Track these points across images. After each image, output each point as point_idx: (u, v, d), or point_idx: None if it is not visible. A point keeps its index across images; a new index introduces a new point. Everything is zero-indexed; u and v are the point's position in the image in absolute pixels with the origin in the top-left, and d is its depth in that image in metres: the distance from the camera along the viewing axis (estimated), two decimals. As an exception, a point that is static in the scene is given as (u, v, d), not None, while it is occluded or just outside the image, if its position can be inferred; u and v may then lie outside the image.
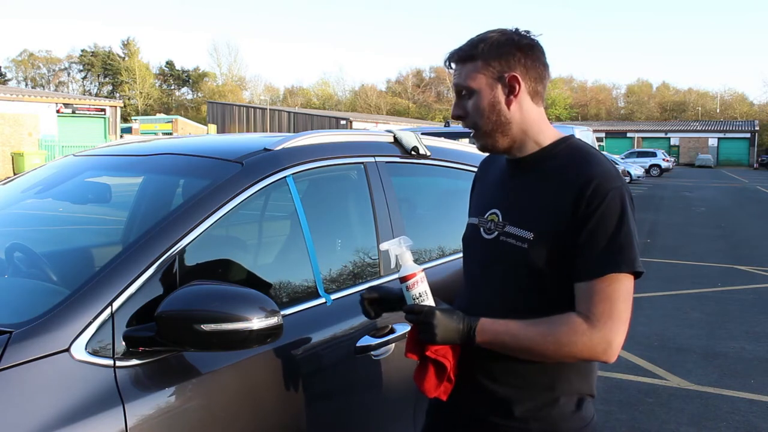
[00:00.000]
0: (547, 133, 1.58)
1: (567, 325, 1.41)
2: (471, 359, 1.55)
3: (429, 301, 1.52)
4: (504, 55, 1.52)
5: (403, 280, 1.53)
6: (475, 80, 1.53)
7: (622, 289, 1.43)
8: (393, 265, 1.57)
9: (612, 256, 1.42)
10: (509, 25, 1.58)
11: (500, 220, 1.56)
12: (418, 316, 1.48)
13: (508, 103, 1.54)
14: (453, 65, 1.58)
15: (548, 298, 1.49)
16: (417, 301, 1.51)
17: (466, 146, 2.96)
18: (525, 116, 1.55)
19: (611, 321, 1.40)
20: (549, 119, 1.62)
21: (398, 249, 1.58)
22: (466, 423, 1.61)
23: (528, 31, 1.57)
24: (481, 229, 1.61)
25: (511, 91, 1.53)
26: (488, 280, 1.57)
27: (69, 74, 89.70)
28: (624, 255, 1.43)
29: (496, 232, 1.56)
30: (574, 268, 1.44)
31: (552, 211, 1.47)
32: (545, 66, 1.57)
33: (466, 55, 1.55)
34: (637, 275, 1.45)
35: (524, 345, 1.44)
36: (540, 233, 1.47)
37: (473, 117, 1.56)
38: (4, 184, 2.65)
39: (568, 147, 1.56)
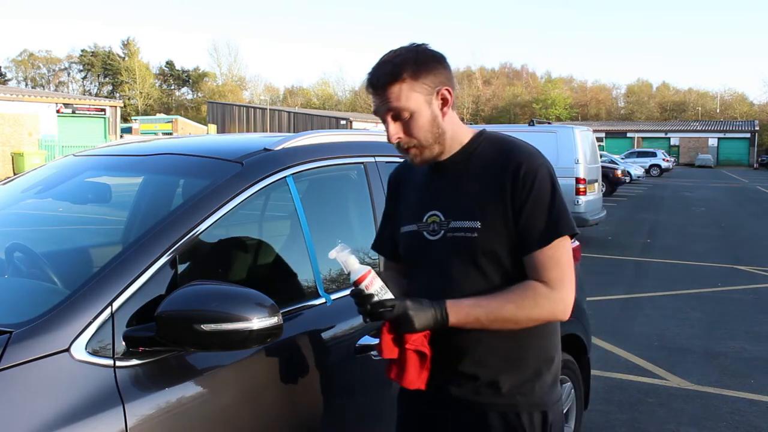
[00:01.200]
0: (464, 132, 1.68)
1: (532, 290, 1.55)
2: (450, 348, 1.60)
3: (389, 294, 1.54)
4: (432, 71, 1.59)
5: (358, 282, 1.54)
6: (412, 100, 1.56)
7: (565, 251, 1.58)
8: (347, 271, 1.57)
9: (554, 225, 1.56)
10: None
11: (442, 219, 1.64)
12: (392, 310, 1.51)
13: (443, 114, 1.62)
14: (379, 91, 1.58)
15: (504, 279, 1.59)
16: (378, 296, 1.52)
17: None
18: (452, 124, 1.65)
19: (563, 282, 1.57)
20: (548, 119, 1.66)
21: (343, 255, 1.58)
22: (450, 408, 1.64)
23: (427, 44, 1.62)
24: (424, 233, 1.66)
25: (444, 103, 1.61)
26: (443, 278, 1.62)
27: (69, 74, 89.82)
28: (563, 221, 1.57)
29: (442, 231, 1.63)
30: (522, 242, 1.57)
31: (492, 197, 1.58)
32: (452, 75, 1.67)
33: (395, 78, 1.55)
34: (573, 236, 1.61)
35: (496, 315, 1.54)
36: (486, 220, 1.58)
37: (415, 134, 1.59)
38: (4, 184, 2.65)
39: (486, 140, 1.67)
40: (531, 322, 1.57)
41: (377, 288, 1.54)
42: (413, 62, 1.56)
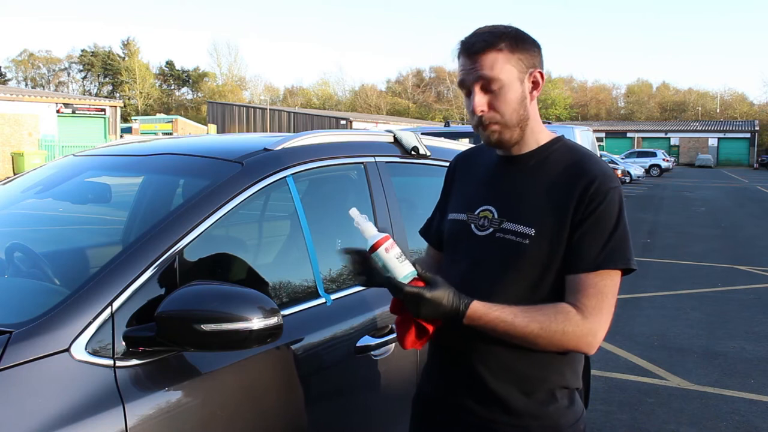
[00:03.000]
0: (544, 131, 1.60)
1: (563, 314, 1.44)
2: (465, 356, 1.56)
3: (407, 262, 1.46)
4: (528, 50, 1.53)
5: (375, 248, 1.46)
6: (505, 72, 1.50)
7: (612, 284, 1.47)
8: (365, 230, 1.51)
9: (609, 253, 1.46)
10: (510, 23, 1.57)
11: (495, 216, 1.56)
12: (406, 297, 1.43)
13: (531, 98, 1.55)
14: (474, 56, 1.50)
15: (541, 292, 1.50)
16: (399, 260, 1.45)
17: (466, 146, 2.96)
18: (535, 114, 1.58)
19: (600, 314, 1.45)
20: (549, 119, 1.64)
21: (361, 218, 1.52)
22: (463, 422, 1.59)
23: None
24: (472, 226, 1.59)
25: (534, 87, 1.55)
26: (479, 276, 1.55)
27: (69, 74, 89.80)
28: (620, 252, 1.47)
29: (491, 229, 1.55)
30: (570, 260, 1.48)
31: (554, 207, 1.49)
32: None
33: (492, 46, 1.49)
34: (627, 272, 1.50)
35: (518, 333, 1.44)
36: (542, 229, 1.49)
37: (502, 110, 1.51)
38: (4, 184, 2.65)
39: (564, 146, 1.59)
40: (551, 347, 1.46)
41: (397, 252, 1.46)
42: (513, 36, 1.50)
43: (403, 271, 1.46)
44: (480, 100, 1.51)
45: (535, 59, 1.54)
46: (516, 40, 1.51)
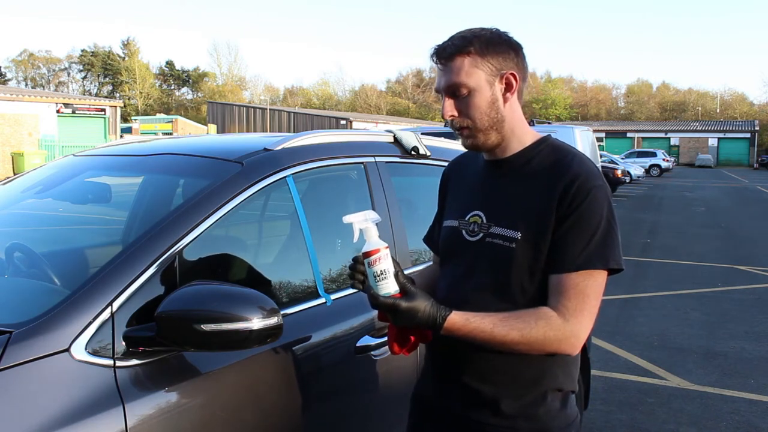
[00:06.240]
0: (528, 132, 1.60)
1: (543, 320, 1.43)
2: (456, 359, 1.56)
3: (390, 279, 1.44)
4: (500, 53, 1.52)
5: (366, 255, 1.46)
6: (473, 76, 1.50)
7: (595, 284, 1.45)
8: (355, 239, 1.49)
9: (590, 253, 1.44)
10: (513, 26, 1.58)
11: (484, 221, 1.56)
12: (381, 308, 1.44)
13: (504, 101, 1.54)
14: (443, 61, 1.52)
15: (530, 294, 1.50)
16: (378, 278, 1.44)
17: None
18: (514, 114, 1.57)
19: (582, 316, 1.44)
20: (549, 119, 1.63)
21: (363, 223, 1.49)
22: (453, 423, 1.59)
23: (508, 32, 1.58)
24: (463, 232, 1.60)
25: (507, 89, 1.54)
26: (473, 281, 1.56)
27: (69, 74, 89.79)
28: (601, 252, 1.45)
29: (481, 234, 1.56)
30: (552, 260, 1.47)
31: (538, 209, 1.48)
32: (527, 68, 1.60)
33: (460, 51, 1.50)
34: (612, 272, 1.48)
35: (497, 342, 1.44)
36: (527, 232, 1.49)
37: (470, 114, 1.52)
38: (4, 184, 2.65)
39: (549, 146, 1.58)
40: (533, 352, 1.46)
41: (382, 268, 1.44)
42: (485, 40, 1.51)
43: (382, 289, 1.45)
44: (448, 105, 1.53)
45: (510, 62, 1.53)
46: (488, 44, 1.51)
